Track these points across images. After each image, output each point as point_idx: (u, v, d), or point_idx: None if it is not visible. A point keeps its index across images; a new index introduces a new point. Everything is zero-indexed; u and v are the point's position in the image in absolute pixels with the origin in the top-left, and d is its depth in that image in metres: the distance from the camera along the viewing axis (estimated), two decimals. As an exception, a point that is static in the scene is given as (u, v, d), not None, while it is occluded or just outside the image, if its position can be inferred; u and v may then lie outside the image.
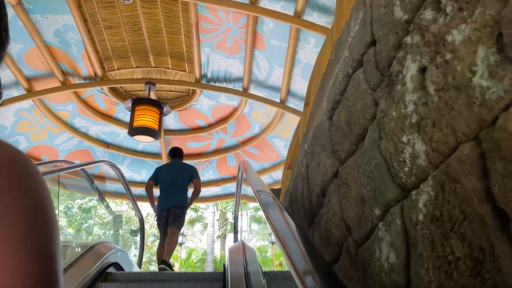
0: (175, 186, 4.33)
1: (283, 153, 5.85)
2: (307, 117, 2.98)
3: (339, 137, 1.06)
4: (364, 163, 0.99)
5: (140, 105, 4.55)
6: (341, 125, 1.06)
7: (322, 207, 1.30)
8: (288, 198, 1.79)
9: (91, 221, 13.49)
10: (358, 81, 1.02)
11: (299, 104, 4.67)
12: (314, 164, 1.37)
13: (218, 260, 17.82)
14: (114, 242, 4.03)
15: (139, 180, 6.57)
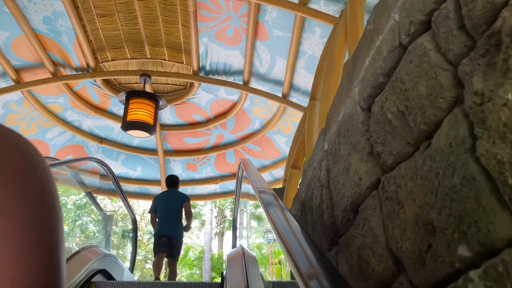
0: (172, 214, 4.79)
1: (284, 150, 5.64)
2: (315, 112, 2.78)
3: (384, 134, 0.77)
4: (433, 172, 0.70)
5: (135, 98, 4.33)
6: (387, 118, 0.77)
7: (352, 227, 1.03)
8: (298, 206, 1.59)
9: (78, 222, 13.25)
10: (423, 52, 0.73)
11: (303, 99, 4.46)
12: (340, 168, 1.10)
13: (216, 258, 17.62)
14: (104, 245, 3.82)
15: (134, 176, 6.36)
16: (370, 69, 0.82)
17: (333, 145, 1.12)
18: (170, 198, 4.95)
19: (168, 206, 4.83)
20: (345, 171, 0.99)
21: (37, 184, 0.38)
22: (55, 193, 0.40)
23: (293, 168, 2.77)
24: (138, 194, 6.65)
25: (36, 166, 0.39)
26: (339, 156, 1.04)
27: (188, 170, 6.33)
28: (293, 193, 2.68)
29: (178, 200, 4.95)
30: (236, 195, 3.60)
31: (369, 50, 0.84)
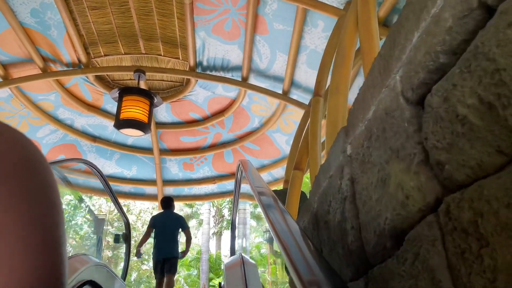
0: (168, 236, 5.22)
1: (284, 149, 5.48)
2: (319, 110, 2.61)
3: (450, 137, 0.57)
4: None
5: (128, 95, 4.15)
6: (457, 114, 0.56)
7: (392, 259, 0.81)
8: (310, 218, 1.41)
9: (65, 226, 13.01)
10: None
11: (304, 95, 4.30)
12: (371, 180, 0.87)
13: (213, 258, 17.45)
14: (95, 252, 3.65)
15: (129, 176, 6.19)
16: (422, 47, 0.61)
17: (360, 148, 0.93)
18: (167, 222, 5.33)
19: (165, 230, 5.24)
20: (380, 184, 0.78)
21: (39, 180, 0.38)
22: (56, 189, 0.40)
23: (296, 169, 2.61)
24: (134, 195, 6.49)
25: (37, 163, 0.39)
26: (370, 164, 0.85)
27: (185, 170, 6.16)
28: (296, 196, 2.52)
29: (174, 223, 5.36)
30: (235, 198, 3.43)
31: (418, 21, 0.65)
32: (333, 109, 1.58)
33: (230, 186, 6.29)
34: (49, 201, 0.38)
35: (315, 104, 2.61)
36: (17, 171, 0.37)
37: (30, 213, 0.36)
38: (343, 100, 1.61)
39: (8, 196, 0.35)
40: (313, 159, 2.37)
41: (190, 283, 17.13)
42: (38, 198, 0.37)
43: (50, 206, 0.38)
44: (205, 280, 15.72)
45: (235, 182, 3.17)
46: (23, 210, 0.35)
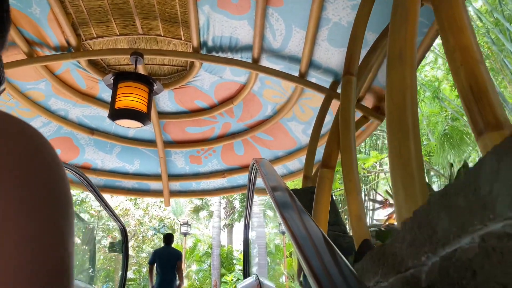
0: (169, 272, 6.54)
1: (300, 139, 5.00)
2: (351, 91, 2.12)
3: None
4: None
5: (124, 81, 3.70)
6: None
7: None
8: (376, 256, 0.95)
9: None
10: None
11: (324, 78, 3.80)
12: None
13: (225, 253, 17.10)
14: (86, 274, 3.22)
15: (131, 171, 5.77)
16: None
17: None
18: (168, 256, 6.67)
19: (166, 263, 6.52)
20: None
21: (46, 170, 0.38)
22: (64, 177, 0.40)
23: (325, 167, 2.13)
24: (137, 191, 6.07)
25: (43, 152, 0.39)
26: None
27: (192, 163, 5.73)
28: (326, 203, 2.05)
29: (174, 258, 6.71)
30: (248, 200, 2.97)
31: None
32: (396, 86, 1.11)
33: (241, 180, 5.85)
34: (56, 190, 0.38)
35: (346, 85, 2.12)
36: (22, 161, 0.36)
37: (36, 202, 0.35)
38: (410, 72, 1.13)
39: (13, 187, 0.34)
40: (347, 153, 1.89)
41: (201, 279, 16.85)
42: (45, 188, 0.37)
43: (57, 194, 0.38)
44: (217, 276, 15.40)
45: (248, 183, 2.70)
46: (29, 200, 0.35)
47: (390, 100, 1.15)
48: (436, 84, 8.66)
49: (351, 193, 1.82)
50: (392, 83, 1.15)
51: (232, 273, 15.81)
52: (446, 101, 8.49)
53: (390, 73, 1.17)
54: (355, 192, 1.82)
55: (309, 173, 3.38)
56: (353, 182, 1.83)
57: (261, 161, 1.75)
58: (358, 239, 1.72)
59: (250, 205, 2.92)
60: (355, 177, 1.84)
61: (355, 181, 1.84)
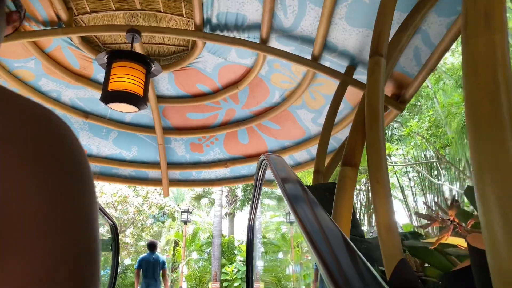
0: (154, 277, 7.39)
1: (310, 128, 4.69)
2: (380, 75, 1.81)
3: None
4: None
5: (119, 61, 3.39)
6: None
7: None
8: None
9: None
10: None
11: (339, 62, 3.48)
12: None
13: (226, 243, 16.89)
14: None
15: (129, 158, 5.49)
16: None
17: None
18: (154, 262, 7.50)
19: (152, 269, 7.36)
20: None
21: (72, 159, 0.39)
22: (88, 167, 0.41)
23: (346, 165, 1.82)
24: (135, 179, 5.80)
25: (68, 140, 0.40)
26: None
27: (193, 152, 5.44)
28: (348, 205, 1.75)
29: (159, 264, 7.61)
30: (254, 199, 2.67)
31: None
32: (482, 61, 0.81)
33: (245, 170, 5.57)
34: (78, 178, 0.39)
35: (374, 67, 1.81)
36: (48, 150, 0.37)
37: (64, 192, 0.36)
38: (502, 41, 0.82)
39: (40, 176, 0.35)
40: (374, 149, 1.59)
41: (201, 268, 16.72)
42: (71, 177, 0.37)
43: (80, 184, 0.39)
44: (217, 267, 15.21)
45: (255, 180, 2.40)
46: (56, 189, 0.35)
47: (470, 81, 0.84)
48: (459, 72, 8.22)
49: (379, 197, 1.52)
50: (473, 56, 0.84)
51: (233, 264, 15.64)
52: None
53: (470, 42, 0.86)
54: (384, 196, 1.52)
55: (321, 167, 3.09)
56: (381, 184, 1.53)
57: (274, 158, 1.46)
58: (388, 254, 1.43)
59: (256, 204, 2.63)
60: (384, 178, 1.54)
61: (384, 182, 1.54)
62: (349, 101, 4.03)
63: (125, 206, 14.30)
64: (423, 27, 2.83)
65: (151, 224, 16.05)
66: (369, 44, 3.25)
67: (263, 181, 2.29)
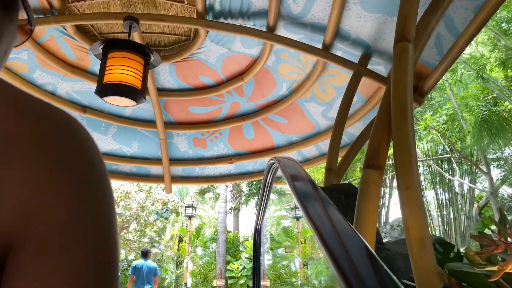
0: (145, 281, 7.88)
1: (319, 122, 4.47)
2: (408, 61, 1.58)
3: None
4: None
5: (115, 51, 3.18)
6: None
7: None
8: None
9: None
10: None
11: (352, 51, 3.25)
12: None
13: (231, 239, 16.70)
14: None
15: (129, 154, 5.31)
16: None
17: None
18: (147, 269, 7.98)
19: (144, 276, 7.83)
20: None
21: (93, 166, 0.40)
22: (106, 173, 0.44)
23: (370, 167, 1.59)
24: (136, 175, 5.62)
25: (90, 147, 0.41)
26: None
27: (196, 147, 5.24)
28: (372, 213, 1.53)
29: (151, 271, 8.10)
30: (261, 204, 2.45)
31: None
32: None
33: (250, 166, 5.37)
34: (103, 186, 0.40)
35: (401, 55, 1.58)
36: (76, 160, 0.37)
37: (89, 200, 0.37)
38: None
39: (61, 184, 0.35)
40: (402, 149, 1.38)
41: (205, 264, 16.58)
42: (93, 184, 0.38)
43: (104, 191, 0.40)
44: (222, 264, 15.05)
45: (262, 185, 2.19)
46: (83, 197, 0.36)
47: None
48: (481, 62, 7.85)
49: (409, 206, 1.30)
50: None
51: (238, 260, 15.46)
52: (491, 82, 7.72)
53: None
54: (416, 204, 1.31)
55: (334, 165, 2.87)
56: (412, 190, 1.32)
57: (287, 163, 1.25)
58: (420, 272, 1.22)
59: (264, 209, 2.42)
60: (415, 183, 1.33)
61: (415, 188, 1.32)
62: (362, 94, 3.80)
63: (127, 202, 14.11)
64: (447, 12, 2.59)
65: (154, 221, 15.87)
66: (385, 31, 3.02)
67: (271, 186, 2.08)
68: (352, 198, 2.30)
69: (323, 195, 0.98)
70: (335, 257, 0.79)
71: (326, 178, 2.76)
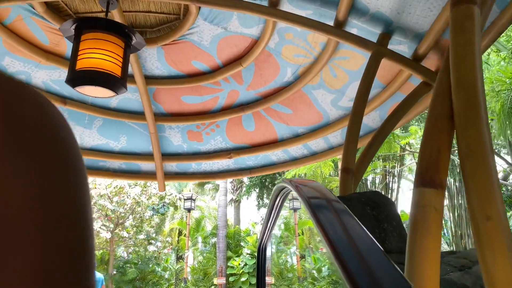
0: None
1: (328, 112, 4.03)
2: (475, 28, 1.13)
3: None
4: None
5: (90, 31, 2.72)
6: None
7: None
8: None
9: None
10: None
11: (370, 29, 2.81)
12: None
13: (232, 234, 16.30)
14: None
15: (117, 149, 4.88)
16: None
17: None
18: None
19: None
20: None
21: (66, 148, 0.37)
22: (80, 156, 0.39)
23: (425, 186, 1.11)
24: (126, 172, 5.20)
25: (63, 128, 0.38)
26: None
27: (191, 141, 4.82)
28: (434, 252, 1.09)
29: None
30: (268, 225, 2.02)
31: None
32: None
33: (251, 161, 4.94)
34: (76, 169, 0.37)
35: (464, 22, 1.12)
36: (43, 139, 0.35)
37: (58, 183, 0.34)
38: None
39: (33, 167, 0.33)
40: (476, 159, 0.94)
41: (205, 261, 16.22)
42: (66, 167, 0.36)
43: (75, 172, 0.37)
44: (223, 260, 14.69)
45: (269, 208, 1.76)
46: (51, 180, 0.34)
47: None
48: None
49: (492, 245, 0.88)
50: None
51: (240, 257, 15.07)
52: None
53: None
54: (502, 244, 0.88)
55: (351, 164, 2.44)
56: (495, 222, 0.89)
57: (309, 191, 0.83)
58: None
59: (270, 230, 1.99)
60: (499, 211, 0.90)
61: (500, 218, 0.89)
62: (378, 78, 3.35)
63: (122, 197, 13.65)
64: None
65: (150, 217, 15.40)
66: (411, 3, 2.55)
67: (280, 210, 1.66)
68: (380, 210, 1.87)
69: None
70: None
71: (343, 182, 2.33)
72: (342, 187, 2.34)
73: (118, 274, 14.32)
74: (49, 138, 0.36)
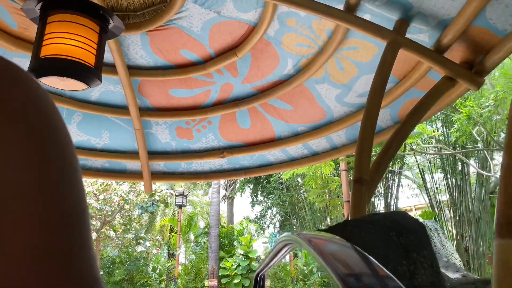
0: None
1: (332, 109, 3.69)
2: None
3: None
4: None
5: (58, 12, 2.34)
6: None
7: None
8: None
9: None
10: None
11: (386, 14, 2.46)
12: None
13: (224, 233, 15.96)
14: None
15: (99, 147, 4.52)
16: None
17: None
18: None
19: None
20: None
21: (50, 121, 0.37)
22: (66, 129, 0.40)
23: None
24: (109, 171, 4.84)
25: (45, 102, 0.38)
26: None
27: (180, 138, 4.46)
28: None
29: None
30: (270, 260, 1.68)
31: None
32: None
33: (246, 161, 4.60)
34: (62, 141, 0.37)
35: None
36: (26, 112, 0.35)
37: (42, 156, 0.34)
38: None
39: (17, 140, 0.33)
40: None
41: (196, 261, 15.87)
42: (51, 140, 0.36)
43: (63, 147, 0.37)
44: (215, 261, 14.35)
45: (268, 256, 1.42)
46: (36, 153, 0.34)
47: None
48: None
49: None
50: None
51: (233, 257, 14.72)
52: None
53: None
54: None
55: (365, 174, 2.09)
56: None
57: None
58: None
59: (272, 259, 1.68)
60: None
61: None
62: (396, 75, 3.01)
63: (109, 194, 13.21)
64: None
65: (138, 215, 14.96)
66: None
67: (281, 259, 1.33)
68: (410, 237, 1.53)
69: None
70: None
71: (355, 195, 1.99)
72: (354, 201, 1.99)
73: (105, 275, 13.96)
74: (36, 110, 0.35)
